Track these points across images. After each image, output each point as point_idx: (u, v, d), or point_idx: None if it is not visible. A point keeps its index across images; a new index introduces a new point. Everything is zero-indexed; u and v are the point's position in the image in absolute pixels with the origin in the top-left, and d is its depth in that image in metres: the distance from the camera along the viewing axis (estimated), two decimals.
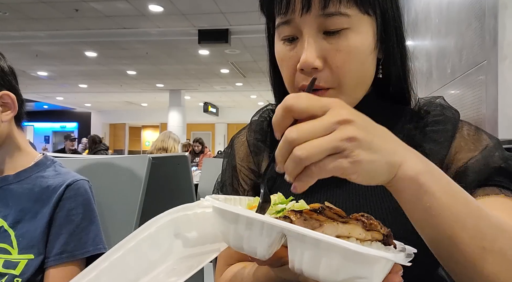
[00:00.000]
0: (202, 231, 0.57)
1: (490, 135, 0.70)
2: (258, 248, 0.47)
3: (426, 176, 0.46)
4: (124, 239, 0.52)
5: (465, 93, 2.12)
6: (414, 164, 0.46)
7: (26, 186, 1.10)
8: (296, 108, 0.44)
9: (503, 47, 1.65)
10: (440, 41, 2.67)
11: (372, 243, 0.46)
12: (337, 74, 0.65)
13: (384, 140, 0.46)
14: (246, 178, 0.83)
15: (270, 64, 0.79)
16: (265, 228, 0.46)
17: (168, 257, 0.55)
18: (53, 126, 21.15)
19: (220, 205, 0.49)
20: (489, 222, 0.49)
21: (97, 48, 9.19)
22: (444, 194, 0.47)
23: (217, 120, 20.27)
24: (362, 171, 0.43)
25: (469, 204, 0.49)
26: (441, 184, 0.47)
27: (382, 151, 0.44)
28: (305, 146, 0.42)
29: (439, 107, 0.74)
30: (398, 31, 0.72)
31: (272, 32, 0.74)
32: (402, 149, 0.47)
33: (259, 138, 0.84)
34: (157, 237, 0.54)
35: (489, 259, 0.47)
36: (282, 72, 0.71)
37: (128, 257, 0.52)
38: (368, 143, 0.43)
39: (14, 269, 1.01)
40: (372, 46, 0.67)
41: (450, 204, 0.47)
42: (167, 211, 0.55)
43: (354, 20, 0.64)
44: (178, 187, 1.76)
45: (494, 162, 0.65)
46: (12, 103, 1.09)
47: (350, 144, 0.42)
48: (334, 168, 0.42)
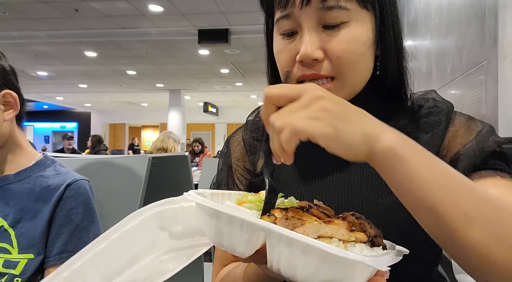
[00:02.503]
0: (189, 225, 0.57)
1: (483, 122, 0.70)
2: (237, 246, 0.47)
3: (402, 146, 0.47)
4: (107, 231, 0.52)
5: (465, 93, 2.12)
6: (390, 136, 0.48)
7: (26, 186, 1.10)
8: (271, 94, 0.48)
9: (503, 47, 1.65)
10: (440, 41, 2.67)
11: (356, 244, 0.45)
12: (337, 64, 0.65)
13: (359, 115, 0.49)
14: (242, 178, 0.83)
15: (268, 61, 0.79)
16: (244, 226, 0.45)
17: (153, 249, 0.54)
18: (53, 126, 21.14)
19: (202, 201, 0.49)
20: (472, 191, 0.48)
21: (97, 48, 9.18)
22: (423, 163, 0.48)
23: (217, 120, 20.27)
24: (338, 139, 0.46)
25: (450, 173, 0.49)
26: (418, 153, 0.48)
27: (357, 123, 0.47)
28: (285, 117, 0.46)
29: (431, 101, 0.75)
30: (395, 28, 0.72)
31: (271, 29, 0.74)
32: (377, 123, 0.49)
33: (255, 137, 0.84)
34: (140, 229, 0.54)
35: (472, 226, 0.46)
36: (279, 64, 0.71)
37: (112, 249, 0.52)
38: (343, 115, 0.47)
39: (14, 268, 1.01)
40: (370, 40, 0.68)
41: (429, 173, 0.47)
42: (150, 204, 0.55)
43: (353, 14, 0.65)
44: (178, 187, 1.76)
45: (488, 146, 0.65)
46: (14, 102, 1.09)
47: (325, 114, 0.46)
48: (302, 126, 0.45)
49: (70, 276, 0.50)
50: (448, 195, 0.47)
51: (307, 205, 0.48)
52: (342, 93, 0.68)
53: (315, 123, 0.45)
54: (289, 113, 0.47)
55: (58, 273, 0.51)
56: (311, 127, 0.45)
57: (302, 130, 0.45)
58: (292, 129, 0.45)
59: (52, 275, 0.51)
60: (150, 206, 0.55)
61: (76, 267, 0.51)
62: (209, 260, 2.33)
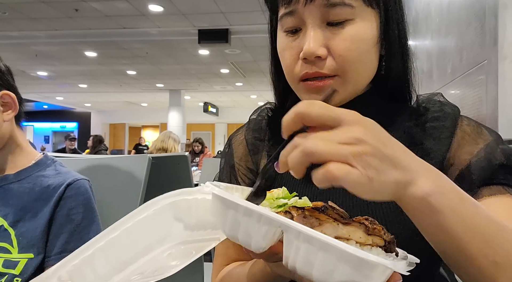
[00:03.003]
0: (203, 217, 0.56)
1: (490, 130, 0.70)
2: (253, 239, 0.46)
3: (436, 195, 0.45)
4: (120, 220, 0.51)
5: (465, 93, 2.11)
6: (424, 183, 0.44)
7: (26, 185, 1.10)
8: (309, 116, 0.43)
9: (504, 47, 1.65)
10: (440, 41, 2.67)
11: (372, 248, 0.45)
12: (340, 62, 0.65)
13: (396, 158, 0.44)
14: (245, 177, 0.82)
15: (271, 58, 0.79)
16: (262, 220, 0.45)
17: (166, 240, 0.53)
18: (53, 126, 21.14)
19: (220, 193, 0.48)
20: (502, 236, 0.48)
21: (97, 48, 9.18)
22: (456, 215, 0.46)
23: (217, 120, 20.26)
24: (368, 188, 0.42)
25: (481, 219, 0.48)
26: (452, 202, 0.46)
27: (392, 170, 0.43)
28: (318, 141, 0.42)
29: (438, 104, 0.74)
30: (400, 27, 0.72)
31: (275, 26, 0.73)
32: (414, 166, 0.45)
33: (258, 137, 0.83)
34: (154, 219, 0.53)
35: (502, 274, 0.47)
36: (283, 62, 0.71)
37: (125, 238, 0.51)
38: (379, 163, 0.42)
39: (14, 268, 1.00)
40: (375, 39, 0.67)
41: (462, 225, 0.46)
42: (165, 194, 0.54)
43: (357, 12, 0.64)
44: (178, 187, 1.75)
45: (496, 158, 0.65)
46: (12, 102, 1.09)
47: (360, 160, 0.41)
48: (339, 174, 0.41)
49: (80, 264, 0.50)
50: (479, 248, 0.47)
51: (323, 205, 0.47)
52: (342, 91, 0.67)
53: (348, 169, 0.41)
54: (322, 142, 0.42)
55: (69, 260, 0.50)
56: (342, 173, 0.41)
57: (333, 175, 0.41)
58: (325, 169, 0.41)
59: (63, 262, 0.51)
60: (164, 195, 0.53)
61: (87, 255, 0.50)
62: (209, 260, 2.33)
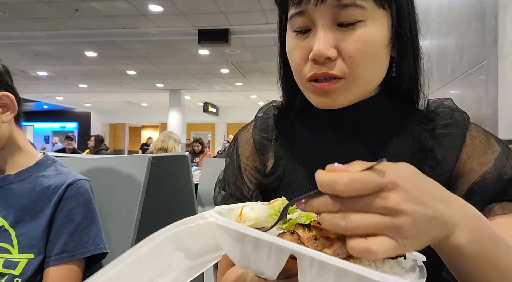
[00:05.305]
0: (205, 242, 0.56)
1: (498, 140, 0.69)
2: (266, 269, 0.45)
3: (471, 245, 0.46)
4: (122, 255, 0.51)
5: (465, 93, 2.11)
6: (460, 234, 0.45)
7: (27, 186, 1.10)
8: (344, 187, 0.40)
9: (504, 47, 1.65)
10: (440, 41, 2.67)
11: (384, 260, 0.44)
12: (350, 64, 0.64)
13: (435, 217, 0.43)
14: (252, 177, 0.81)
15: (280, 57, 0.78)
16: (272, 249, 0.43)
17: (168, 270, 0.53)
18: (53, 126, 21.15)
19: (225, 223, 0.46)
20: None
21: (97, 48, 9.18)
22: (487, 260, 0.48)
23: (217, 120, 20.27)
24: (400, 251, 0.42)
25: (510, 262, 0.50)
26: (484, 250, 0.48)
27: (429, 232, 0.43)
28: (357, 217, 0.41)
29: (448, 109, 0.73)
30: (412, 28, 0.71)
31: (284, 25, 0.72)
32: (453, 218, 0.44)
33: (265, 137, 0.82)
34: (157, 252, 0.52)
35: None
36: (291, 62, 0.70)
37: (127, 272, 0.51)
38: (416, 231, 0.41)
39: (14, 269, 1.00)
40: (386, 40, 0.66)
41: (491, 268, 0.49)
42: (168, 226, 0.54)
43: (369, 13, 0.63)
44: (178, 187, 1.76)
45: (506, 173, 0.64)
46: (11, 103, 1.09)
47: (397, 233, 0.40)
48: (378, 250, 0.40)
49: None
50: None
51: None
52: (350, 93, 0.67)
53: (387, 245, 0.40)
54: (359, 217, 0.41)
55: None
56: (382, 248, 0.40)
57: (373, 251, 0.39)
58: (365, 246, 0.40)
59: None
60: (167, 227, 0.53)
61: None
62: None
